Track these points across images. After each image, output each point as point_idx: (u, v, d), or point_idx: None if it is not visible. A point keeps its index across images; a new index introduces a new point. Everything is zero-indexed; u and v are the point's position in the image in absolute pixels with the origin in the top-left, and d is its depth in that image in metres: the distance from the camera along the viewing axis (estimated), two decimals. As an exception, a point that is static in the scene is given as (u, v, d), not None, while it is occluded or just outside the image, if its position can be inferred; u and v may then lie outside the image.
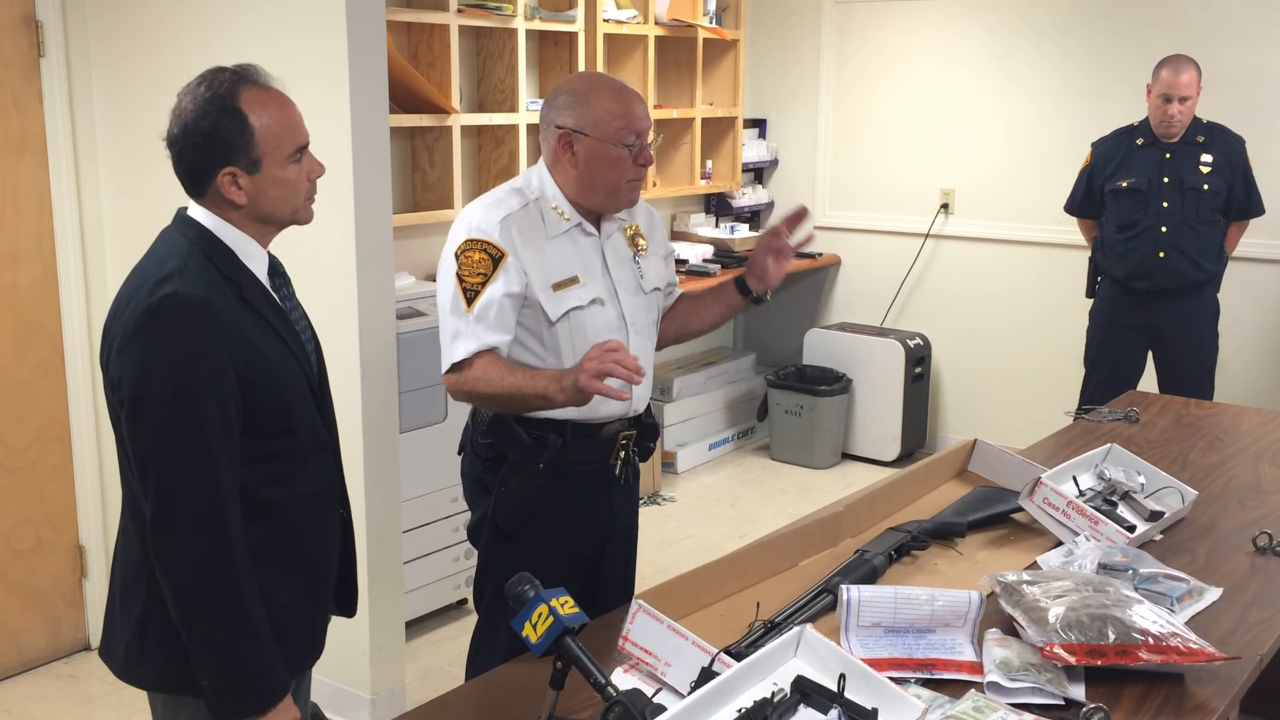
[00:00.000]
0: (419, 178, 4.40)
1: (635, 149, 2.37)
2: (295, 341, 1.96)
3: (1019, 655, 1.86)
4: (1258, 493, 2.77)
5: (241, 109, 1.83)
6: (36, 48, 3.49)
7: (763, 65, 6.20)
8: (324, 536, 2.05)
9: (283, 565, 1.94)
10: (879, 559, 2.24)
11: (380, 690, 3.34)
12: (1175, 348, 4.61)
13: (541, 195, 2.41)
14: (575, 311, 2.38)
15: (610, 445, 2.46)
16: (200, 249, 1.86)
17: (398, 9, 4.14)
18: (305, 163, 1.91)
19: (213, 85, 1.84)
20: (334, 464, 2.07)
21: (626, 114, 2.36)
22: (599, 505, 2.50)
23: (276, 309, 1.94)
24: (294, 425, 1.94)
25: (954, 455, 2.86)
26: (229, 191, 1.85)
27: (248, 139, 1.83)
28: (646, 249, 2.54)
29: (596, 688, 1.58)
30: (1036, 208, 5.44)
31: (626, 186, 2.41)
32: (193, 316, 1.78)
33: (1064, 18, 5.35)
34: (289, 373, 1.93)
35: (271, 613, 1.87)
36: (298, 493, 1.95)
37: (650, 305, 2.54)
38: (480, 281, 2.32)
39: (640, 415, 2.53)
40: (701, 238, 5.89)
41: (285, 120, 1.87)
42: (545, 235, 2.38)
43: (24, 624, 3.66)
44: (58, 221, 3.58)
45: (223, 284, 1.84)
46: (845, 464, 5.82)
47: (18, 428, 3.58)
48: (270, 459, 1.90)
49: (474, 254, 2.34)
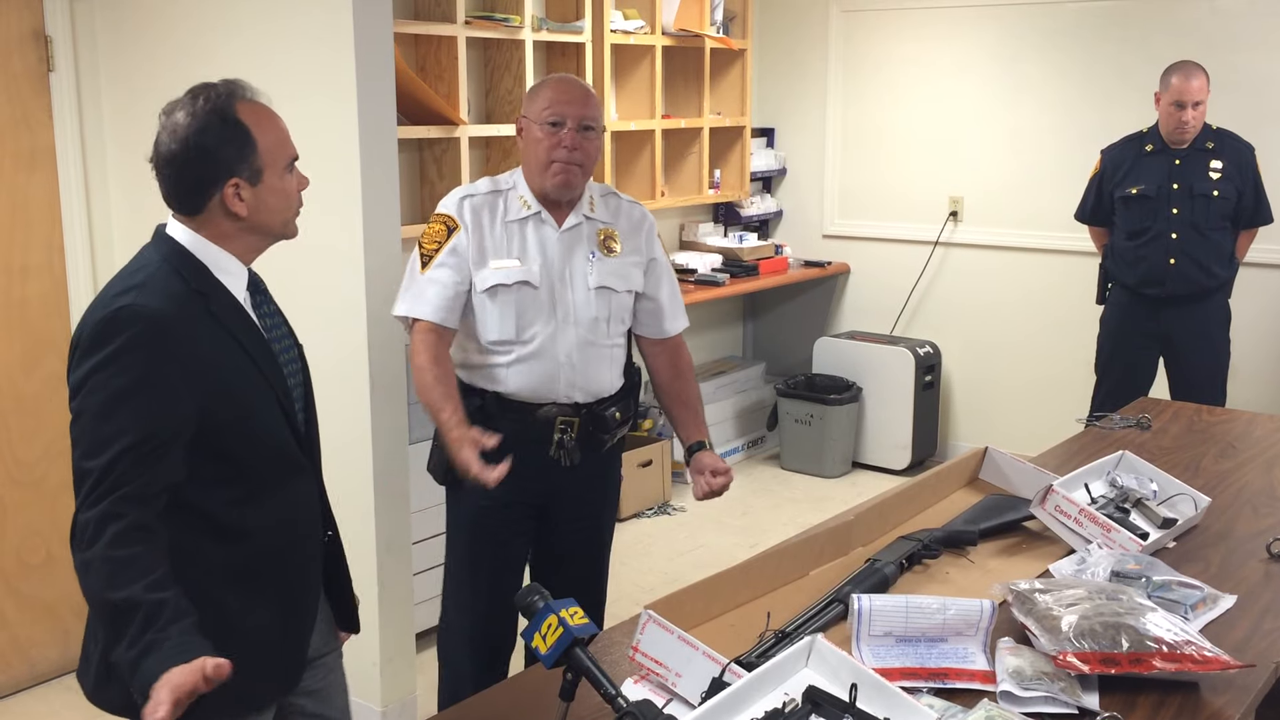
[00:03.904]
0: (427, 189, 4.41)
1: (558, 130, 2.55)
2: (267, 360, 1.92)
3: (1032, 664, 1.85)
4: (1271, 499, 2.75)
5: (242, 121, 1.84)
6: (46, 62, 3.50)
7: (770, 74, 6.20)
8: (303, 564, 2.00)
9: (253, 591, 1.89)
10: (890, 568, 2.23)
11: (391, 702, 3.34)
12: (1186, 354, 4.59)
13: (514, 186, 2.67)
14: (501, 288, 2.58)
15: (547, 427, 2.63)
16: (170, 264, 1.84)
17: (405, 21, 4.16)
18: (297, 174, 1.94)
19: (209, 99, 1.84)
20: (312, 487, 2.02)
21: (556, 99, 2.58)
22: (532, 478, 2.61)
23: (249, 326, 1.91)
24: (259, 444, 1.89)
25: (965, 463, 2.85)
26: (232, 204, 1.85)
27: (250, 150, 1.84)
28: (618, 252, 2.69)
29: (607, 699, 1.57)
30: (1046, 215, 5.43)
31: (551, 168, 2.58)
32: (143, 329, 1.75)
33: (1072, 25, 5.34)
34: (254, 393, 1.88)
35: (241, 635, 1.83)
36: (267, 517, 1.90)
37: (601, 303, 2.65)
38: (435, 248, 2.61)
39: (590, 406, 2.65)
40: (710, 247, 5.88)
41: (280, 132, 1.90)
42: (502, 218, 2.63)
43: (35, 637, 3.66)
44: (67, 236, 3.59)
45: (188, 298, 1.82)
46: (855, 473, 5.81)
47: (28, 442, 3.58)
48: (230, 481, 1.86)
49: (435, 225, 2.64)
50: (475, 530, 2.71)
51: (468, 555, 2.73)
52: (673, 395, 2.84)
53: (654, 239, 2.79)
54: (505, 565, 2.74)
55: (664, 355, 2.83)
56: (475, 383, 2.65)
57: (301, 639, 2.02)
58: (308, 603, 2.03)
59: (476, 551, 2.72)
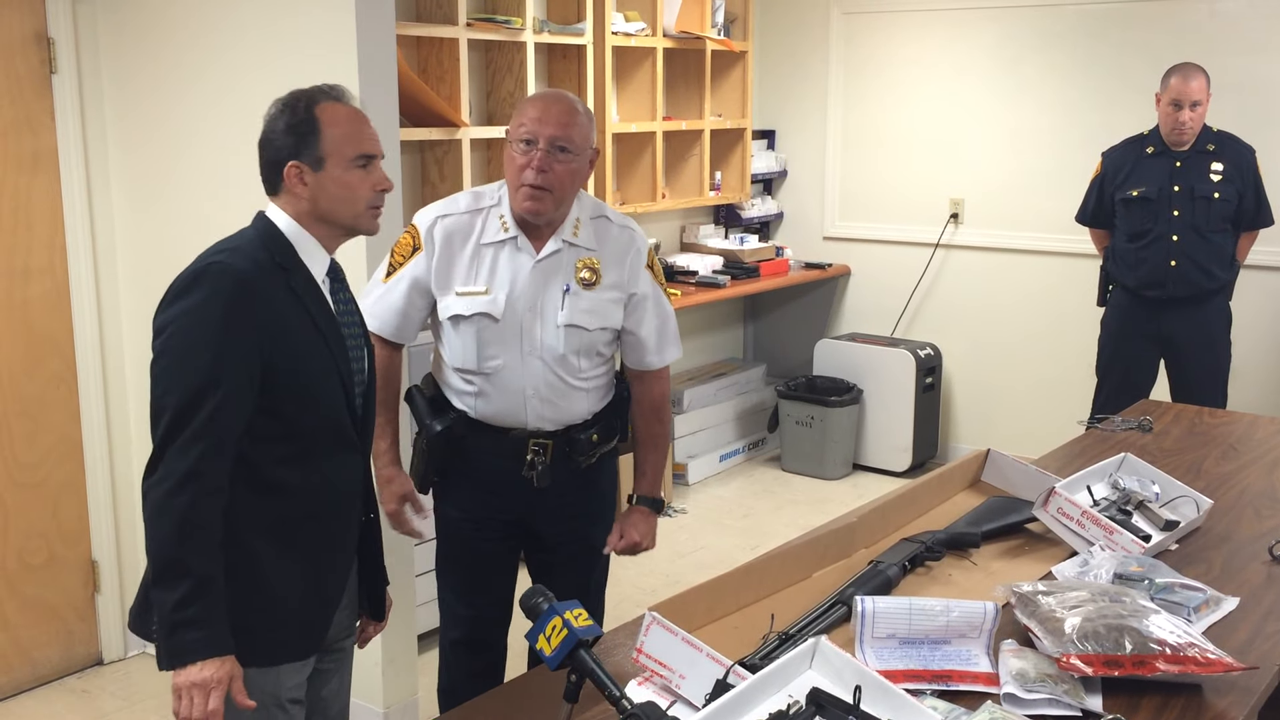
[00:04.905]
0: (429, 190, 4.41)
1: (531, 150, 2.42)
2: (335, 339, 2.05)
3: (1035, 666, 1.85)
4: (1273, 501, 2.76)
5: (315, 113, 2.00)
6: (48, 64, 3.50)
7: (771, 76, 6.20)
8: (340, 532, 2.12)
9: (284, 544, 2.01)
10: (893, 570, 2.23)
11: (392, 704, 3.34)
12: (1188, 356, 4.59)
13: (498, 203, 2.53)
14: (460, 319, 2.49)
15: (520, 446, 2.55)
16: (260, 238, 2.01)
17: (407, 23, 4.16)
18: (372, 173, 2.03)
19: (296, 94, 2.03)
20: (359, 465, 2.15)
21: (533, 118, 2.44)
22: (506, 495, 2.59)
23: (323, 305, 2.04)
24: (313, 412, 2.02)
25: (967, 465, 2.85)
26: (293, 185, 2.01)
27: (314, 138, 1.99)
28: (596, 285, 2.53)
29: (611, 700, 1.58)
30: (1046, 217, 5.43)
31: (520, 191, 2.44)
32: (227, 283, 1.92)
33: (1073, 27, 5.34)
34: (318, 363, 2.01)
35: (267, 584, 1.98)
36: (309, 479, 2.02)
37: (570, 340, 2.51)
38: (401, 261, 2.54)
39: (563, 431, 2.56)
40: (711, 249, 5.89)
41: (352, 128, 2.02)
42: (476, 242, 2.50)
43: (37, 639, 3.66)
44: (70, 238, 3.59)
45: (271, 268, 1.98)
46: (856, 474, 5.81)
47: (30, 443, 3.58)
48: (281, 439, 1.99)
49: (407, 236, 2.55)
50: (451, 539, 2.68)
51: (449, 561, 2.71)
52: (640, 431, 2.73)
53: (640, 270, 2.59)
54: (489, 569, 2.69)
55: (640, 386, 2.70)
56: (451, 399, 2.58)
57: (328, 603, 2.12)
58: (338, 571, 2.13)
59: (454, 558, 2.69)
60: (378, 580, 2.28)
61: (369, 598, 2.27)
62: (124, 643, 3.83)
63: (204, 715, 1.87)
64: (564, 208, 2.50)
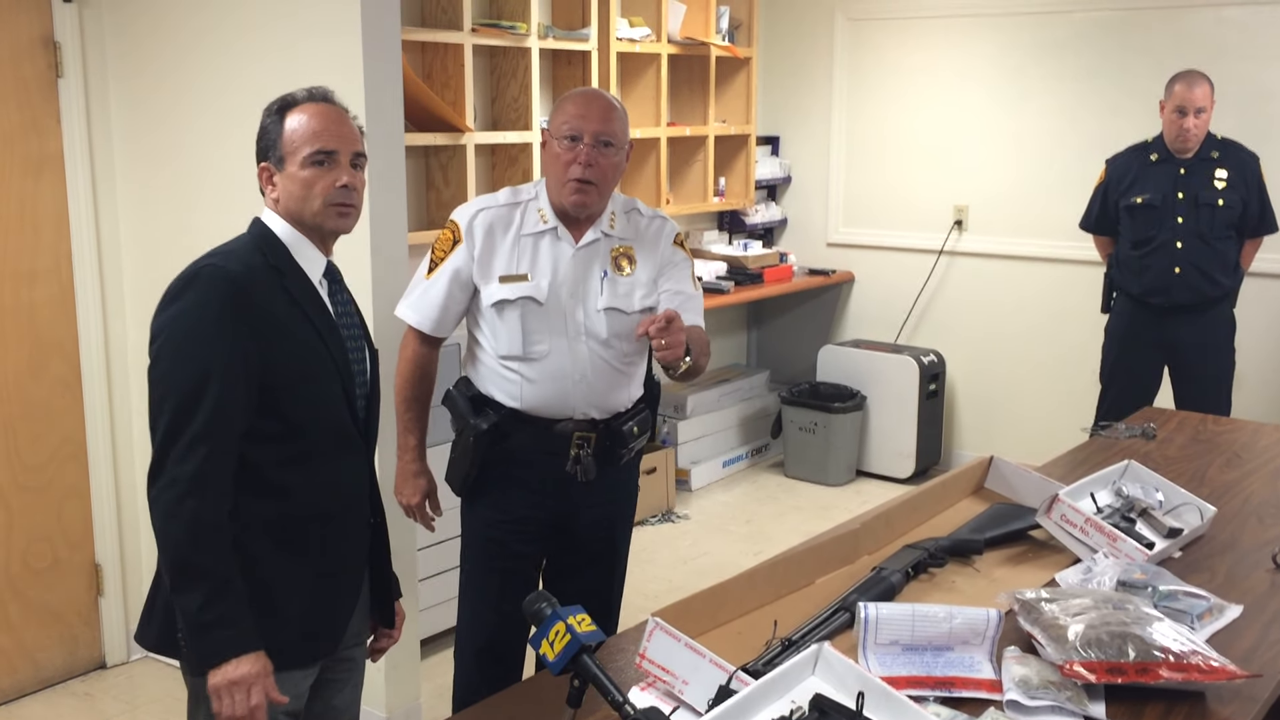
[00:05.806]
0: (434, 196, 4.42)
1: (575, 145, 2.50)
2: (334, 340, 2.05)
3: (1038, 673, 1.85)
4: (1277, 509, 2.75)
5: (284, 115, 2.02)
6: (54, 68, 3.51)
7: (775, 83, 6.21)
8: (345, 535, 2.12)
9: (290, 550, 2.01)
10: (896, 576, 2.24)
11: (395, 709, 3.34)
12: (1192, 363, 4.59)
13: (535, 197, 2.62)
14: (506, 304, 2.55)
15: (564, 441, 2.59)
16: (255, 242, 2.03)
17: (413, 29, 4.17)
18: (331, 170, 2.01)
19: (281, 98, 2.05)
20: (363, 467, 2.16)
21: (576, 114, 2.52)
22: (549, 493, 2.63)
23: (320, 307, 2.05)
24: (312, 413, 2.02)
25: (971, 472, 2.85)
26: (265, 186, 2.04)
27: (278, 138, 2.01)
28: (631, 272, 2.63)
29: (614, 705, 1.58)
30: (1050, 224, 5.43)
31: (568, 185, 2.53)
32: (220, 286, 1.93)
33: (1077, 34, 5.35)
34: (316, 363, 2.02)
35: (273, 589, 1.98)
36: (311, 482, 2.02)
37: (611, 323, 2.59)
38: (442, 256, 2.61)
39: (606, 421, 2.62)
40: (715, 255, 5.89)
41: (313, 126, 2.01)
42: (516, 232, 2.58)
43: (40, 642, 3.66)
44: (75, 241, 3.60)
45: (266, 271, 1.99)
46: (860, 481, 5.81)
47: (35, 446, 3.59)
48: (281, 441, 1.99)
49: (447, 232, 2.62)
50: (489, 543, 2.70)
51: (480, 566, 2.72)
52: None
53: (672, 246, 2.69)
54: (518, 575, 2.72)
55: None
56: (492, 394, 2.62)
57: (339, 608, 2.12)
58: (345, 576, 2.13)
59: (489, 563, 2.70)
60: (385, 585, 2.27)
61: (377, 604, 2.26)
62: (127, 646, 3.83)
63: (248, 711, 1.87)
64: (605, 200, 2.61)
